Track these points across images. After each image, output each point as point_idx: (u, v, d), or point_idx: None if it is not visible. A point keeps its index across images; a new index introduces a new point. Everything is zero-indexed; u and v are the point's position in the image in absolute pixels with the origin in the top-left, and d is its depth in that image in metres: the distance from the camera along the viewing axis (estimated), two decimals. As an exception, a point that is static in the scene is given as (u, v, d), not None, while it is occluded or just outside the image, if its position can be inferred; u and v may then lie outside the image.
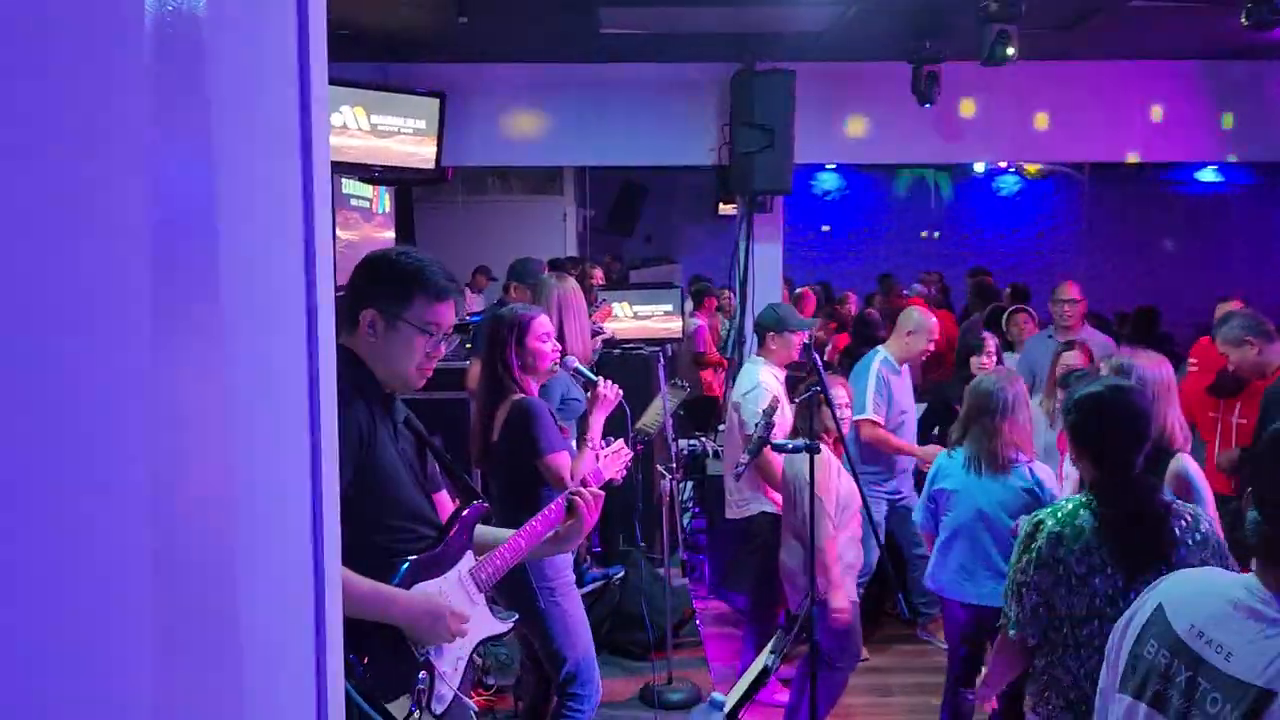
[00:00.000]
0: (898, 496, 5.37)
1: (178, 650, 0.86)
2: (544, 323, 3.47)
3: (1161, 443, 3.25)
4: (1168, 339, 6.69)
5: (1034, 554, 2.57)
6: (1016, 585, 2.61)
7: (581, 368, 3.62)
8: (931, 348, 5.40)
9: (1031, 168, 13.38)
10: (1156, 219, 13.88)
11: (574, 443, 3.54)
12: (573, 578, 3.47)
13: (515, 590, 3.32)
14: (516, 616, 2.59)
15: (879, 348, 5.47)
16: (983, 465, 3.78)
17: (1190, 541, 2.44)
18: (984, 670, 2.86)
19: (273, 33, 1.27)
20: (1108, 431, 2.56)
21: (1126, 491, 2.53)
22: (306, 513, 1.32)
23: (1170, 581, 1.71)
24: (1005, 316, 6.56)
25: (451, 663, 2.29)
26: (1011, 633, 2.62)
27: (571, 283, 4.36)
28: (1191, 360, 5.32)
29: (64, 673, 0.77)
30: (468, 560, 2.37)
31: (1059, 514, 2.59)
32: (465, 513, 2.39)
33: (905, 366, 5.41)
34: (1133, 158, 7.87)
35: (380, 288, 2.24)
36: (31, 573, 0.76)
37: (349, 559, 2.06)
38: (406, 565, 2.22)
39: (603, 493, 2.70)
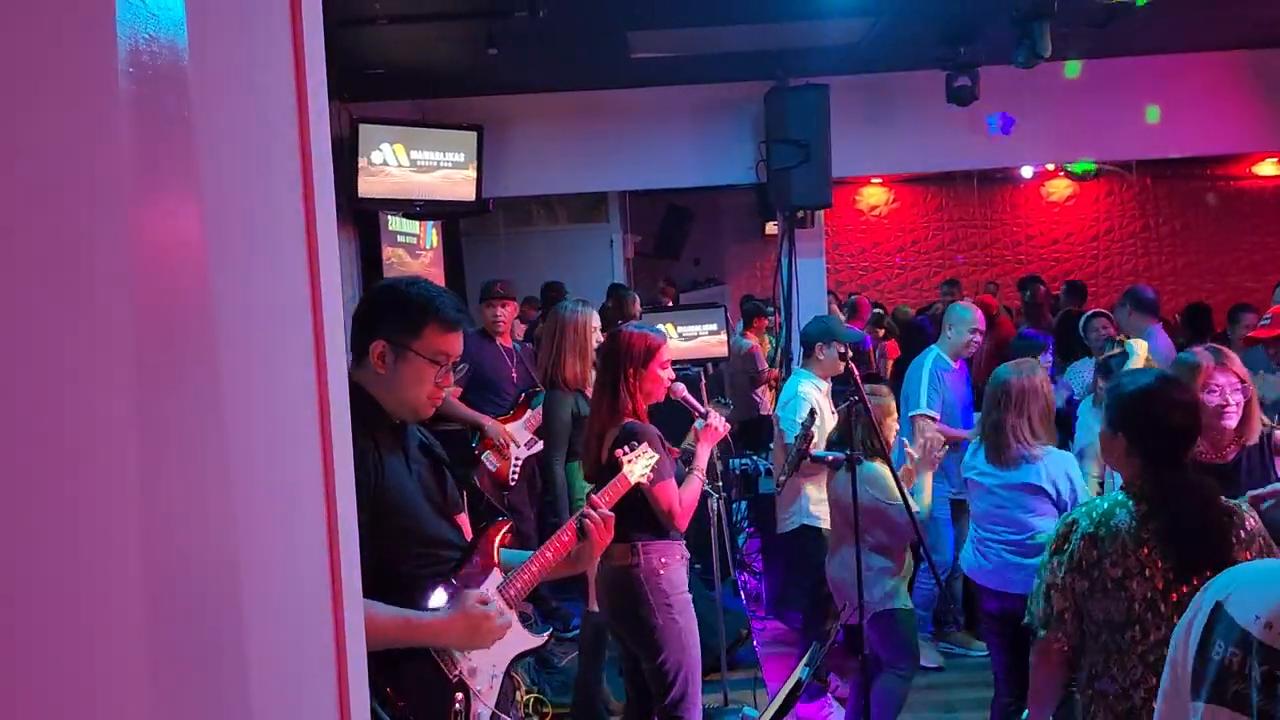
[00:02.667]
0: (960, 496, 5.31)
1: (178, 695, 0.86)
2: (668, 350, 3.47)
3: None
4: (1222, 335, 6.45)
5: (1066, 556, 2.45)
6: (1046, 586, 2.48)
7: (690, 397, 3.59)
8: (977, 338, 5.38)
9: (1077, 168, 13.14)
10: (1217, 215, 13.57)
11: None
12: (689, 594, 3.42)
13: (633, 609, 3.33)
14: (550, 630, 2.57)
15: (933, 346, 5.52)
16: (997, 456, 3.77)
17: (1234, 540, 2.34)
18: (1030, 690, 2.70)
19: (265, 63, 1.28)
20: (1158, 426, 2.43)
21: (1181, 490, 2.39)
22: (323, 554, 1.31)
23: (1226, 577, 1.62)
24: (1083, 321, 6.35)
25: (485, 680, 2.28)
26: (1041, 633, 2.50)
27: (580, 314, 4.53)
28: None
29: None
30: (494, 578, 2.37)
31: (1094, 514, 2.45)
32: (489, 531, 2.39)
33: (960, 363, 5.42)
34: (1180, 153, 7.72)
35: (390, 319, 2.24)
36: (18, 627, 0.75)
37: (376, 592, 2.07)
38: (437, 589, 2.22)
39: (613, 515, 2.64)
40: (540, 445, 4.97)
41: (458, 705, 2.19)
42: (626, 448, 2.99)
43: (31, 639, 0.75)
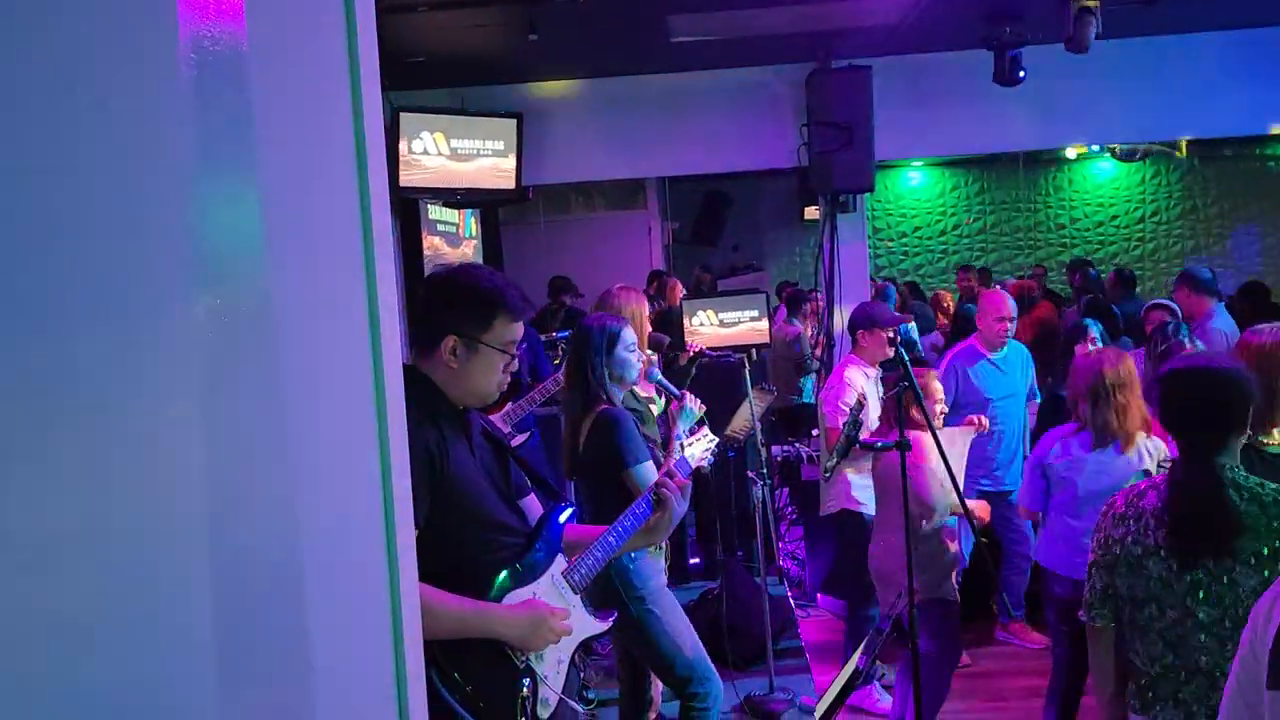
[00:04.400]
0: (989, 487, 5.23)
1: (244, 682, 0.84)
2: (632, 334, 3.48)
3: None
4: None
5: (1103, 534, 2.52)
6: (1091, 566, 2.55)
7: (664, 381, 3.60)
8: (1005, 325, 5.29)
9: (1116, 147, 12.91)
10: (1266, 195, 13.30)
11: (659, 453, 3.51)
12: (663, 581, 3.44)
13: (608, 604, 3.34)
14: (615, 614, 2.57)
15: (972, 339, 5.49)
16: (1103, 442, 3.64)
17: (1265, 528, 2.27)
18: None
19: (320, 54, 1.26)
20: (1192, 411, 2.38)
21: (1198, 478, 2.34)
22: (379, 537, 1.30)
23: None
24: (1143, 314, 6.17)
25: (553, 666, 2.29)
26: (1083, 615, 2.58)
27: (620, 299, 4.46)
28: None
29: (126, 708, 0.75)
30: (559, 563, 2.37)
31: (1129, 493, 2.51)
32: (551, 516, 2.39)
33: (1003, 353, 5.34)
34: (1230, 132, 7.55)
35: (460, 312, 2.24)
36: (92, 605, 0.74)
37: (441, 580, 2.07)
38: (501, 576, 2.22)
39: (689, 481, 2.66)
40: (522, 438, 4.93)
41: (525, 691, 2.20)
42: (686, 431, 3.01)
43: (106, 636, 0.74)
